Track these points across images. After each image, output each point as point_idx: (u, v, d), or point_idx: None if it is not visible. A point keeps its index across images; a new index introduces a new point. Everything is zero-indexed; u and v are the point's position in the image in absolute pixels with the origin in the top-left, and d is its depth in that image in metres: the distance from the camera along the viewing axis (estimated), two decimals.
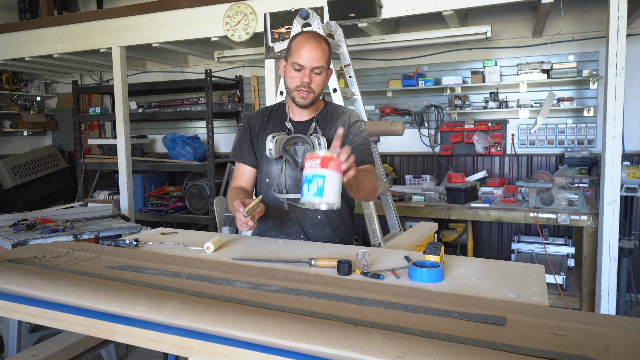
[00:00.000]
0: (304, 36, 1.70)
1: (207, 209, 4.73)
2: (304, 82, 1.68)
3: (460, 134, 4.33)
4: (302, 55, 1.66)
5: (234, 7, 3.64)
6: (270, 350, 0.87)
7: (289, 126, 1.81)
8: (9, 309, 1.16)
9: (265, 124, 1.85)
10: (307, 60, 1.66)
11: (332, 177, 1.24)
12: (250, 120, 1.89)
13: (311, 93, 1.71)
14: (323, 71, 1.71)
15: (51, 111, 6.22)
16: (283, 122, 1.83)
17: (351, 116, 1.84)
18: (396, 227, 2.95)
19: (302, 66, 1.67)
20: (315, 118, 1.81)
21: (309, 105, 1.74)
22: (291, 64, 1.69)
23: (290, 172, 1.79)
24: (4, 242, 2.46)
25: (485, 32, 3.63)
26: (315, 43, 1.67)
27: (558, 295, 3.41)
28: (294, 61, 1.68)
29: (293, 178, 1.78)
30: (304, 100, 1.71)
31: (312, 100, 1.73)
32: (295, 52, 1.68)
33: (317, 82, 1.70)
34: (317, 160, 1.24)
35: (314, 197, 1.22)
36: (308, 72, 1.68)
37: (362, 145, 1.82)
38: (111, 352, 2.70)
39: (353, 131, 1.82)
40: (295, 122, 1.82)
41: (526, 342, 0.86)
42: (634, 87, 3.85)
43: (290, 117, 1.83)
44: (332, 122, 1.82)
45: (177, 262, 1.41)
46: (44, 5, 4.70)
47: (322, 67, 1.69)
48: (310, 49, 1.66)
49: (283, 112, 1.86)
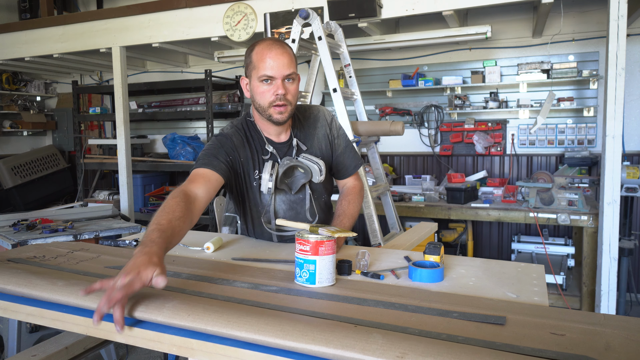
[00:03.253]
0: (265, 44, 1.51)
1: (207, 209, 4.73)
2: (279, 95, 1.49)
3: (460, 134, 4.33)
4: (268, 65, 1.47)
5: (234, 7, 3.64)
6: (270, 350, 0.87)
7: (270, 150, 1.63)
8: (9, 309, 1.16)
9: (246, 149, 1.63)
10: (276, 70, 1.47)
11: (324, 261, 1.20)
12: (229, 140, 1.61)
13: (288, 105, 1.53)
14: (295, 77, 1.54)
15: (51, 111, 6.22)
16: (263, 147, 1.64)
17: (326, 116, 1.74)
18: (396, 227, 2.95)
19: (272, 77, 1.48)
20: (293, 133, 1.67)
21: (287, 119, 1.57)
22: (257, 78, 1.50)
23: (284, 197, 1.68)
24: (4, 242, 2.46)
25: (485, 32, 3.63)
26: (279, 49, 1.49)
27: (558, 295, 3.41)
28: (261, 74, 1.48)
29: (287, 202, 1.68)
30: (281, 116, 1.53)
31: (289, 113, 1.55)
32: (260, 64, 1.48)
33: (292, 92, 1.53)
34: (308, 246, 1.19)
35: (306, 283, 1.20)
36: (280, 83, 1.49)
37: (348, 147, 1.78)
38: (111, 352, 2.70)
39: (335, 133, 1.74)
40: (277, 144, 1.65)
41: (526, 342, 0.86)
42: (634, 87, 3.85)
43: (267, 136, 1.65)
44: (310, 129, 1.70)
45: (177, 262, 1.41)
46: (44, 5, 4.69)
47: (294, 73, 1.52)
48: (277, 55, 1.48)
49: (257, 133, 1.66)
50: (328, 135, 1.73)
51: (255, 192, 1.68)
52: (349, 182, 1.82)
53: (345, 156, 1.77)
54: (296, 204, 1.70)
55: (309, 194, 1.70)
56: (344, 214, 1.69)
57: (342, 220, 1.66)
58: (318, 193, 1.74)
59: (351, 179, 1.82)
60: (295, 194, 1.68)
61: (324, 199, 1.79)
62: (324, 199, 1.79)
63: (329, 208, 1.85)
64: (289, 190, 1.67)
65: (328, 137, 1.73)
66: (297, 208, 1.71)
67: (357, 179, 1.84)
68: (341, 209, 1.71)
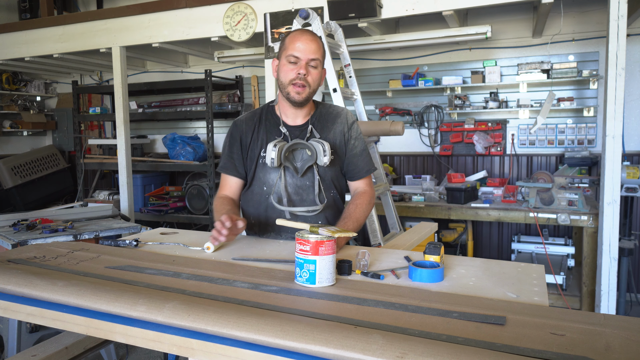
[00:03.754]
0: (299, 31, 1.68)
1: (207, 209, 4.73)
2: (300, 75, 1.62)
3: (460, 134, 4.33)
4: (297, 47, 1.62)
5: (234, 7, 3.64)
6: (271, 350, 0.87)
7: (283, 131, 1.74)
8: (9, 309, 1.16)
9: (256, 130, 1.77)
10: (302, 52, 1.62)
11: (325, 261, 1.20)
12: (239, 127, 1.79)
13: (307, 87, 1.65)
14: (319, 65, 1.67)
15: (51, 111, 6.22)
16: (277, 127, 1.75)
17: (348, 117, 1.81)
18: (396, 227, 2.95)
19: (298, 58, 1.63)
20: (310, 121, 1.76)
21: (304, 101, 1.68)
22: (285, 57, 1.65)
23: (290, 180, 1.73)
24: (4, 242, 2.46)
25: (485, 32, 3.63)
26: (310, 36, 1.66)
27: (558, 295, 3.42)
28: (289, 54, 1.63)
29: (293, 186, 1.73)
30: (299, 96, 1.65)
31: (307, 95, 1.66)
32: (290, 45, 1.64)
33: (313, 76, 1.65)
34: (308, 246, 1.19)
35: (306, 283, 1.20)
36: (304, 64, 1.63)
37: (364, 151, 1.82)
38: (111, 352, 2.70)
39: (353, 135, 1.80)
40: (290, 126, 1.76)
41: (526, 342, 0.86)
42: (634, 87, 3.85)
43: (284, 120, 1.76)
44: (328, 124, 1.78)
45: (177, 262, 1.41)
46: (44, 5, 4.69)
47: (318, 60, 1.65)
48: (306, 41, 1.63)
49: (274, 115, 1.79)
50: (345, 133, 1.78)
51: (262, 171, 1.76)
52: (360, 188, 1.83)
53: (359, 158, 1.80)
54: (302, 190, 1.73)
55: (317, 179, 1.73)
56: (350, 217, 1.70)
57: (346, 222, 1.67)
58: (326, 184, 1.76)
59: (362, 184, 1.83)
60: (302, 177, 1.72)
61: (332, 194, 1.79)
62: (332, 194, 1.79)
63: (337, 206, 1.83)
64: (295, 171, 1.70)
65: (344, 135, 1.78)
66: (302, 194, 1.73)
67: (368, 185, 1.85)
68: (348, 211, 1.73)
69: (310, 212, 1.72)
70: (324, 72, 1.73)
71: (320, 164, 1.68)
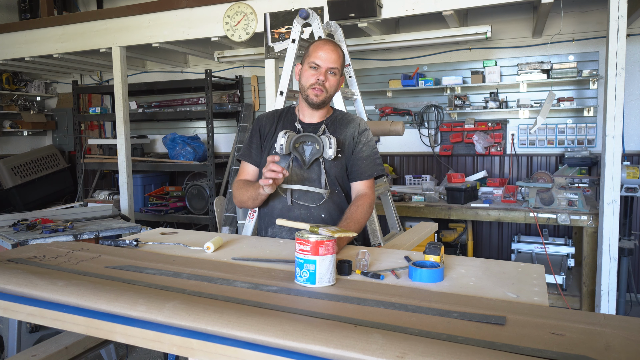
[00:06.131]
0: (323, 40, 1.86)
1: (207, 209, 4.73)
2: (319, 80, 1.79)
3: (460, 134, 4.33)
4: (320, 55, 1.79)
5: (234, 7, 3.64)
6: (271, 350, 0.87)
7: (298, 126, 1.88)
8: (9, 309, 1.16)
9: (275, 125, 1.93)
10: (323, 61, 1.78)
11: (325, 261, 1.20)
12: (261, 121, 1.96)
13: (324, 92, 1.81)
14: (337, 73, 1.83)
15: (51, 111, 6.22)
16: (293, 123, 1.90)
17: (360, 124, 1.92)
18: (396, 227, 2.95)
19: (319, 65, 1.79)
20: (325, 121, 1.90)
21: (321, 104, 1.84)
22: (308, 64, 1.81)
23: (297, 170, 1.82)
24: (4, 242, 2.46)
25: (485, 32, 3.63)
26: (332, 46, 1.82)
27: (558, 295, 3.42)
28: (311, 61, 1.80)
29: (300, 176, 1.82)
30: (317, 98, 1.81)
31: (324, 99, 1.82)
32: (313, 53, 1.80)
33: (331, 83, 1.81)
34: (308, 245, 1.19)
35: (306, 283, 1.20)
36: (324, 71, 1.79)
37: (371, 156, 1.89)
38: (111, 352, 2.70)
39: (362, 140, 1.89)
40: (305, 123, 1.90)
41: (526, 342, 0.86)
42: (634, 87, 3.85)
43: (300, 118, 1.91)
44: (341, 127, 1.90)
45: (177, 262, 1.41)
46: (44, 5, 4.69)
47: (337, 69, 1.81)
48: (328, 50, 1.79)
49: (293, 114, 1.95)
50: (355, 137, 1.89)
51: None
52: (361, 190, 1.87)
53: (364, 161, 1.86)
54: (308, 182, 1.81)
55: (323, 172, 1.82)
56: (351, 218, 1.72)
57: (348, 223, 1.70)
58: (330, 179, 1.82)
59: (363, 187, 1.86)
60: (309, 169, 1.81)
61: (337, 191, 1.84)
62: (337, 191, 1.84)
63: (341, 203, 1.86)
64: (302, 161, 1.81)
65: (354, 138, 1.89)
66: (307, 185, 1.81)
67: (370, 188, 1.88)
68: (349, 212, 1.76)
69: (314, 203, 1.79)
70: (342, 79, 1.89)
71: (325, 156, 1.79)
